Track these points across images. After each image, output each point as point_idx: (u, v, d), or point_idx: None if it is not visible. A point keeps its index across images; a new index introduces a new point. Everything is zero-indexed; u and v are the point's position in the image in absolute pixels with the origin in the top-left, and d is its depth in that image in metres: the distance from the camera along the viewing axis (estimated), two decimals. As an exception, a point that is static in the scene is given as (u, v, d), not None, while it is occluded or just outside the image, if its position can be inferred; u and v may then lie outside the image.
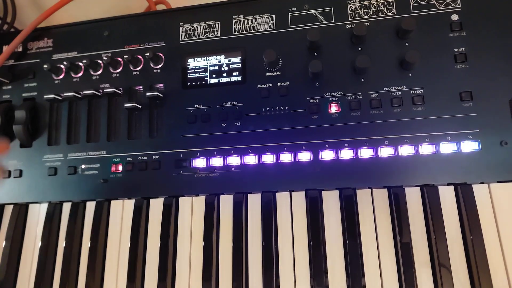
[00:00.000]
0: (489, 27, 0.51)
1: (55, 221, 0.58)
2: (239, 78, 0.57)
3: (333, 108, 0.53)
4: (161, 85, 0.59)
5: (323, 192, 0.53)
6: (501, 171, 0.48)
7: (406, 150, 0.50)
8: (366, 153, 0.51)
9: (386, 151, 0.51)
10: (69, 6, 0.62)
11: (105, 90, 0.59)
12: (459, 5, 0.53)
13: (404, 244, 0.48)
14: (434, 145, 0.50)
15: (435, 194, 0.49)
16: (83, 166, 0.58)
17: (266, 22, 0.57)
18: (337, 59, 0.54)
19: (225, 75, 0.57)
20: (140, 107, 0.58)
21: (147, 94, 0.57)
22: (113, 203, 0.58)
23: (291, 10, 0.57)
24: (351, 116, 0.52)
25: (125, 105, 0.57)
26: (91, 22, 0.63)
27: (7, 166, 0.60)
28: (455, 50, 0.52)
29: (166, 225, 0.55)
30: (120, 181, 0.57)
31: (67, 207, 0.59)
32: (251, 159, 0.54)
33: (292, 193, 0.53)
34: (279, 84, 0.55)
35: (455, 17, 0.52)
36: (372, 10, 0.55)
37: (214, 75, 0.58)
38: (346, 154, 0.51)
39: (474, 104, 0.50)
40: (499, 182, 0.49)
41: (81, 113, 0.61)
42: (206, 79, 0.58)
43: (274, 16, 0.57)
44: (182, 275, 0.53)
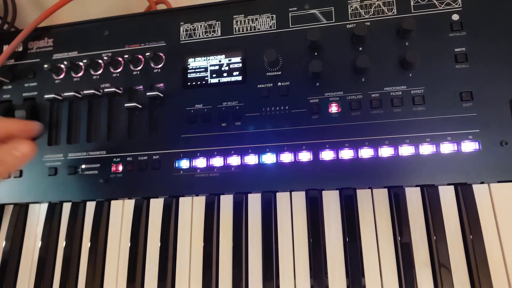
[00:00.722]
0: (489, 27, 0.51)
1: (55, 221, 0.58)
2: (240, 78, 0.57)
3: (334, 108, 0.53)
4: (162, 85, 0.59)
5: (323, 192, 0.52)
6: (501, 171, 0.48)
7: (406, 150, 0.50)
8: (366, 153, 0.51)
9: (386, 151, 0.51)
10: (69, 6, 0.62)
11: (105, 90, 0.59)
12: (459, 5, 0.53)
13: (404, 244, 0.48)
14: (434, 145, 0.50)
15: (435, 194, 0.49)
16: (83, 166, 0.58)
17: (266, 22, 0.57)
18: (337, 59, 0.54)
19: (225, 75, 0.57)
20: (141, 107, 0.58)
21: (148, 94, 0.57)
22: (113, 203, 0.58)
23: (291, 10, 0.57)
24: (352, 116, 0.52)
25: (126, 105, 0.57)
26: (92, 22, 0.63)
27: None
28: (456, 50, 0.52)
29: (166, 225, 0.55)
30: (120, 181, 0.57)
31: (67, 207, 0.59)
32: (251, 159, 0.54)
33: (292, 193, 0.53)
34: (279, 84, 0.55)
35: (455, 17, 0.52)
36: (372, 10, 0.55)
37: (215, 75, 0.57)
38: (346, 154, 0.51)
39: (475, 104, 0.50)
40: (499, 182, 0.49)
41: (81, 113, 0.60)
42: (206, 79, 0.58)
43: (274, 16, 0.57)
44: (182, 275, 0.53)
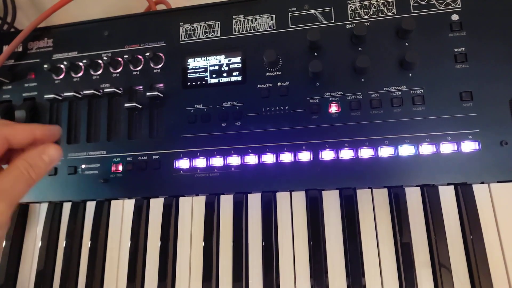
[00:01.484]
0: (489, 27, 0.51)
1: (55, 221, 0.58)
2: (239, 78, 0.57)
3: (333, 108, 0.53)
4: (161, 85, 0.59)
5: (323, 192, 0.53)
6: (501, 171, 0.48)
7: (406, 150, 0.50)
8: (366, 153, 0.51)
9: (386, 151, 0.51)
10: (69, 6, 0.62)
11: (105, 90, 0.59)
12: (459, 5, 0.53)
13: (404, 244, 0.48)
14: (434, 145, 0.50)
15: (435, 194, 0.49)
16: (83, 166, 0.58)
17: (266, 22, 0.57)
18: (337, 59, 0.54)
19: (225, 75, 0.57)
20: (140, 107, 0.58)
21: (147, 94, 0.57)
22: (113, 203, 0.58)
23: (291, 10, 0.57)
24: (351, 116, 0.52)
25: (125, 105, 0.57)
26: (91, 22, 0.63)
27: None
28: (455, 50, 0.52)
29: (166, 225, 0.55)
30: (120, 181, 0.57)
31: (67, 207, 0.59)
32: (251, 159, 0.54)
33: (292, 193, 0.53)
34: (279, 84, 0.55)
35: (455, 17, 0.52)
36: (372, 10, 0.55)
37: (214, 75, 0.57)
38: (346, 154, 0.51)
39: (474, 104, 0.50)
40: (499, 182, 0.49)
41: (81, 113, 0.60)
42: (206, 79, 0.58)
43: (274, 16, 0.57)
44: (182, 275, 0.53)
